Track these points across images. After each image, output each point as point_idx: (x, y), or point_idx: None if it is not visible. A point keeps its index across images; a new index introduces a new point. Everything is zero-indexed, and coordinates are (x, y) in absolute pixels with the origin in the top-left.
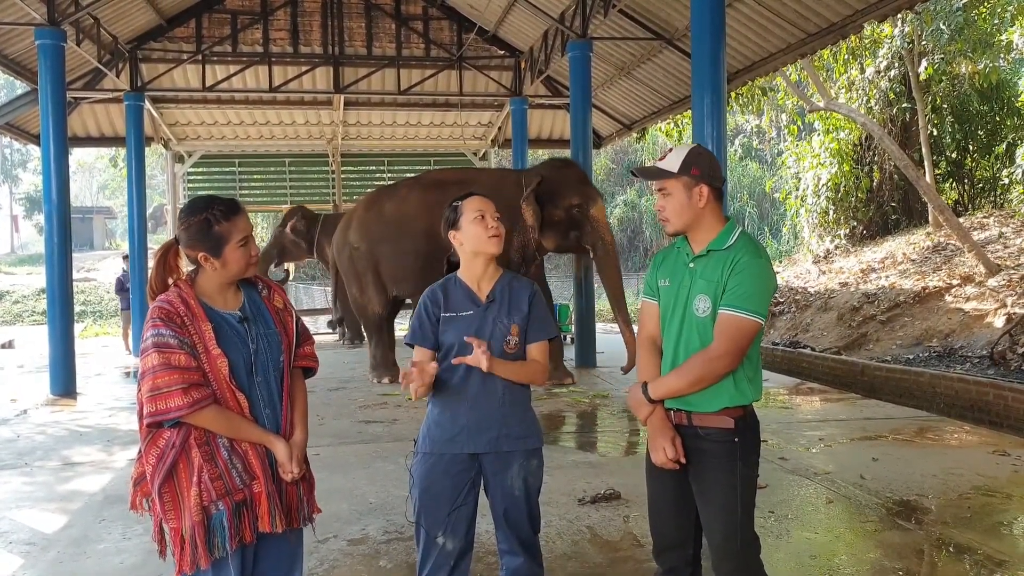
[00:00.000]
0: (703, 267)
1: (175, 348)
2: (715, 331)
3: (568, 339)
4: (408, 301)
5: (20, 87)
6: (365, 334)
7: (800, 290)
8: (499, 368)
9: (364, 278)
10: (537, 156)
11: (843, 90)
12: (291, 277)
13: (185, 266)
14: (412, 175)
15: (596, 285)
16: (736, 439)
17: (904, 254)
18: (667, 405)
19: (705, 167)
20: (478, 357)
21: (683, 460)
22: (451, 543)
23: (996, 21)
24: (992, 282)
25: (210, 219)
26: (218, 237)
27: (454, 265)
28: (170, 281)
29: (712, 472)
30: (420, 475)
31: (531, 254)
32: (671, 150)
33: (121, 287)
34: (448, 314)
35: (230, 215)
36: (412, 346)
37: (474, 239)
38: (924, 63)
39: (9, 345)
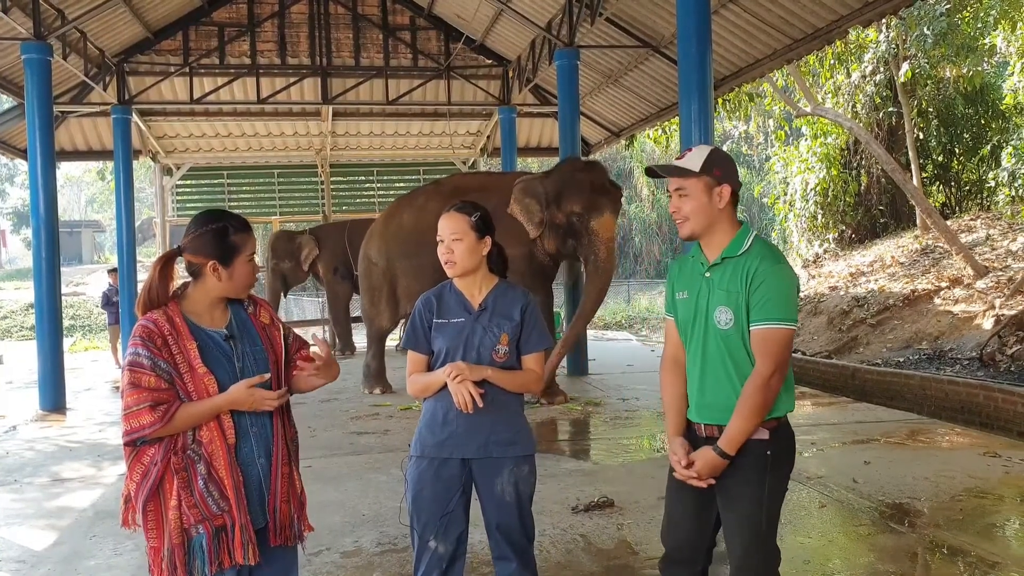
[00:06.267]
0: (719, 276)
1: (146, 369)
2: (756, 351)
3: None
4: None
5: (7, 101)
6: (366, 341)
7: None
8: (493, 376)
9: (378, 292)
10: (526, 164)
11: (829, 95)
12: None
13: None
14: (413, 183)
15: None
16: (768, 451)
17: (893, 257)
18: (699, 420)
19: (727, 168)
20: (461, 394)
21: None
22: (442, 547)
23: (979, 25)
24: (980, 284)
25: (228, 227)
26: (232, 246)
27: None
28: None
29: (739, 484)
30: (412, 479)
31: (554, 257)
32: (690, 150)
33: (108, 301)
34: (440, 320)
35: (246, 228)
36: (406, 351)
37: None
38: (906, 67)
39: None
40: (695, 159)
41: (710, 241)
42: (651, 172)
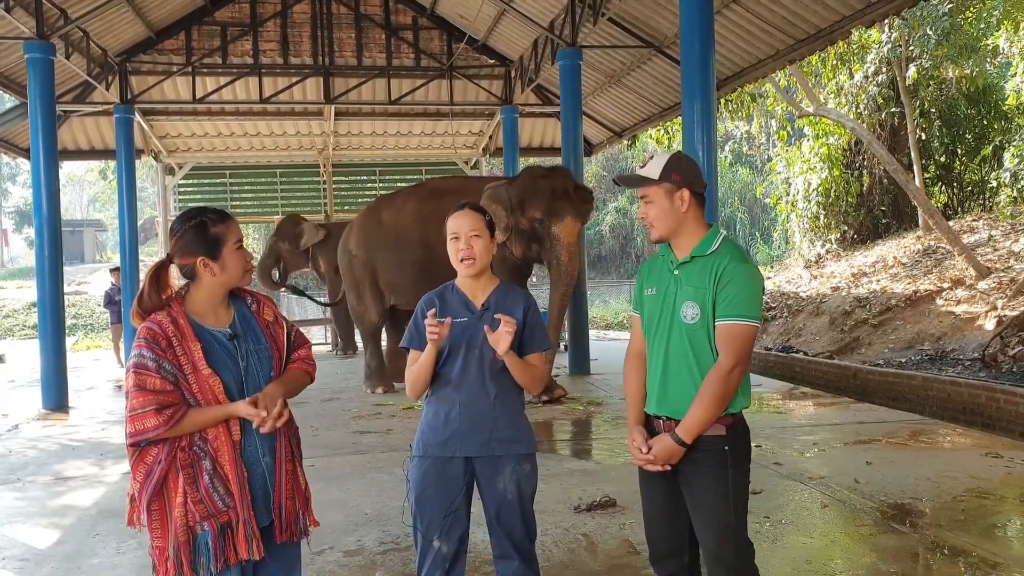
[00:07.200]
0: (688, 274)
1: (152, 372)
2: (720, 345)
3: (562, 346)
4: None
5: (9, 101)
6: (361, 342)
7: (792, 295)
8: (511, 360)
9: (362, 286)
10: (529, 164)
11: (832, 95)
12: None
13: (176, 282)
14: (410, 184)
15: (588, 292)
16: (726, 447)
17: (895, 258)
18: (658, 413)
19: (686, 172)
20: (500, 335)
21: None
22: (446, 546)
23: (982, 26)
24: (982, 285)
25: (206, 222)
26: (215, 238)
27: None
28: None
29: (703, 480)
30: (415, 479)
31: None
32: (652, 157)
33: (110, 300)
34: (443, 320)
35: (224, 218)
36: (407, 350)
37: (451, 258)
38: (911, 68)
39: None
40: (654, 167)
41: (678, 242)
42: (616, 182)
